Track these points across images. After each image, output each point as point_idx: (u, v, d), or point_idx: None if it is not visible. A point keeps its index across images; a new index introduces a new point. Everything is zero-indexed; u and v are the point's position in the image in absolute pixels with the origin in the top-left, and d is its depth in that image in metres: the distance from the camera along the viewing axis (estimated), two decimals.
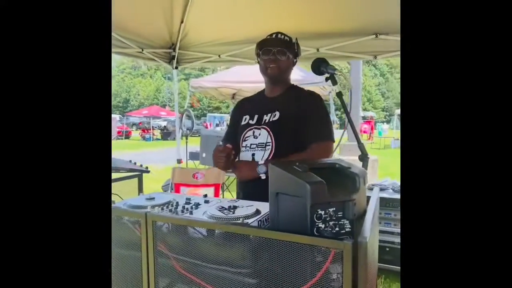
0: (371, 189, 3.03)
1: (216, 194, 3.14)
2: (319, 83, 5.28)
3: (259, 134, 1.48)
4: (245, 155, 1.49)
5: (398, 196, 2.82)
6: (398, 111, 18.91)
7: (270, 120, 1.47)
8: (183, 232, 0.97)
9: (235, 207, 1.10)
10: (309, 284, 0.76)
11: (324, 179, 0.85)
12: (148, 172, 1.50)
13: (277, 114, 1.47)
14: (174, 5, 2.49)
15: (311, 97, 1.51)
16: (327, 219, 0.82)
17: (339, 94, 1.22)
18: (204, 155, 4.59)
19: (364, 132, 20.04)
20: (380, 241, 2.82)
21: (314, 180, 0.81)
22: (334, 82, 1.24)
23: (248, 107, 1.59)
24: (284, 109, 1.47)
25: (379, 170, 7.35)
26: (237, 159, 1.51)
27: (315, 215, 0.80)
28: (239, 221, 0.99)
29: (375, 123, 21.16)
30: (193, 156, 5.56)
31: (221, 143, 1.58)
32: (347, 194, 0.85)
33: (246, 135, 1.51)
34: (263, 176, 1.35)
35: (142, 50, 2.71)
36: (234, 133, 1.59)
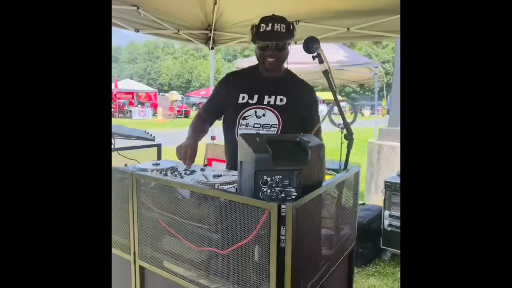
0: None
1: None
2: (364, 64, 5.05)
3: (263, 115, 1.52)
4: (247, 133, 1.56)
5: None
6: None
7: (276, 103, 1.52)
8: (166, 191, 1.11)
9: (219, 175, 1.22)
10: (247, 239, 0.86)
11: (279, 150, 0.92)
12: (154, 140, 1.67)
13: (284, 99, 1.53)
14: None
15: (309, 86, 1.62)
16: (273, 185, 0.90)
17: (326, 72, 1.25)
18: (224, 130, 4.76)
19: None
20: (393, 226, 2.75)
21: (261, 149, 0.89)
22: (321, 61, 1.26)
23: (243, 85, 1.58)
24: (291, 96, 1.53)
25: None
26: (236, 135, 1.58)
27: (260, 180, 0.89)
28: (215, 186, 1.11)
29: None
30: None
31: (201, 110, 1.68)
32: (295, 164, 0.91)
33: (246, 114, 1.54)
34: None
35: (178, 31, 2.89)
36: (218, 107, 1.62)
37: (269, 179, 0.89)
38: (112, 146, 1.50)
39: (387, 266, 2.80)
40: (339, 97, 1.49)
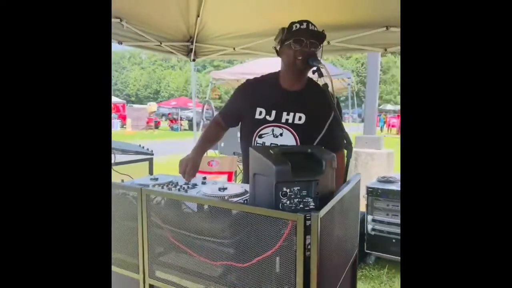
0: (384, 181, 3.05)
1: (229, 181, 3.28)
2: (339, 75, 5.26)
3: (281, 134, 1.47)
4: None
5: None
6: None
7: (294, 122, 1.46)
8: (174, 206, 1.10)
9: (225, 188, 1.22)
10: (270, 251, 0.87)
11: (294, 162, 0.95)
12: (152, 155, 1.64)
13: (303, 117, 1.46)
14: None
15: (331, 98, 1.35)
16: (292, 196, 0.92)
17: (325, 86, 1.30)
18: (222, 144, 4.75)
19: (392, 126, 19.48)
20: (386, 232, 2.85)
21: (280, 162, 0.91)
22: (321, 75, 1.31)
23: (261, 97, 1.50)
24: (310, 113, 1.46)
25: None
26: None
27: (280, 192, 0.91)
28: (224, 198, 1.11)
29: None
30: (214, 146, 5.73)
31: (218, 116, 1.64)
32: (312, 175, 0.94)
33: (263, 132, 1.48)
34: None
35: (161, 43, 2.87)
36: (235, 115, 1.56)
37: (288, 190, 0.91)
38: (112, 161, 1.46)
39: (372, 270, 2.89)
40: None
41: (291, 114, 1.47)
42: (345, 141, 1.29)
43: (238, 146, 1.69)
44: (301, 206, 0.92)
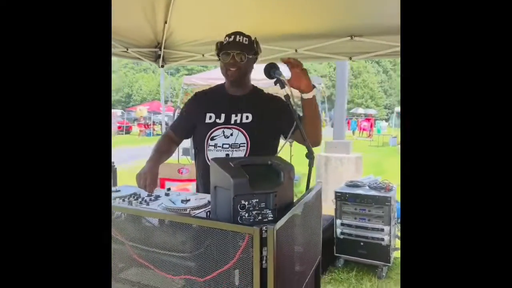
0: (352, 185, 3.13)
1: None
2: None
3: (231, 134, 1.54)
4: (216, 154, 1.54)
5: (373, 193, 2.92)
6: (397, 109, 18.87)
7: (242, 121, 1.54)
8: (135, 220, 1.08)
9: (188, 200, 1.21)
10: (229, 264, 0.87)
11: (253, 174, 0.96)
12: (113, 166, 1.60)
13: (250, 116, 1.55)
14: (156, 6, 2.59)
15: (276, 100, 1.61)
16: (250, 209, 0.93)
17: (287, 97, 1.33)
18: (194, 152, 4.72)
19: (364, 129, 20.07)
20: (354, 235, 2.93)
21: (238, 174, 0.92)
22: (282, 86, 1.34)
23: (210, 104, 1.61)
24: (256, 112, 1.55)
25: (371, 167, 7.45)
26: (206, 157, 1.57)
27: (238, 205, 0.91)
28: (185, 212, 1.10)
29: (375, 121, 21.15)
30: (186, 151, 5.68)
31: (169, 130, 1.67)
32: (270, 187, 0.96)
33: (214, 134, 1.55)
34: None
35: (127, 49, 2.82)
36: (187, 126, 1.64)
37: (246, 203, 0.92)
38: None
39: (341, 273, 2.95)
40: None
41: (239, 115, 1.55)
42: (307, 151, 1.32)
43: None
44: (259, 218, 0.93)
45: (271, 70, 1.36)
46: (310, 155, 1.33)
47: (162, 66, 3.22)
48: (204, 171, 1.56)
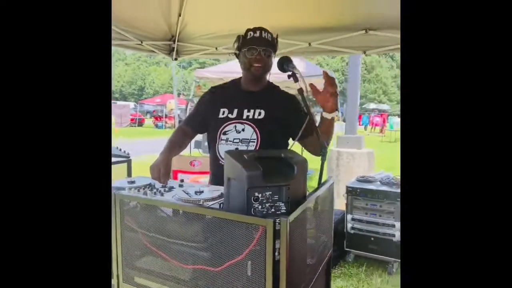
0: (363, 180, 3.11)
1: None
2: (321, 75, 5.32)
3: (242, 130, 1.55)
4: (227, 148, 1.56)
5: (385, 188, 2.90)
6: None
7: (255, 117, 1.55)
8: (149, 210, 1.10)
9: (201, 191, 1.23)
10: (242, 255, 0.89)
11: (266, 167, 0.97)
12: (129, 158, 1.63)
13: (262, 112, 1.55)
14: None
15: (291, 98, 1.62)
16: (264, 201, 0.94)
17: (300, 91, 1.32)
18: (206, 144, 4.75)
19: (376, 125, 19.82)
20: (365, 231, 2.92)
21: (252, 167, 0.93)
22: (296, 80, 1.33)
23: (224, 99, 1.61)
24: (269, 108, 1.55)
25: (383, 162, 7.36)
26: (217, 151, 1.59)
27: (252, 197, 0.92)
28: (199, 203, 1.12)
29: (388, 116, 20.84)
30: (198, 144, 5.72)
31: (183, 124, 1.70)
32: (283, 179, 0.96)
33: (226, 129, 1.57)
34: None
35: (142, 42, 2.84)
36: (201, 120, 1.65)
37: (260, 195, 0.93)
38: None
39: (351, 268, 2.95)
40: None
41: (252, 110, 1.56)
42: (320, 145, 1.32)
43: None
44: (272, 210, 0.94)
45: (284, 64, 1.36)
46: (322, 150, 1.33)
47: (176, 59, 3.24)
48: (216, 163, 1.58)
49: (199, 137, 5.71)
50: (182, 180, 1.50)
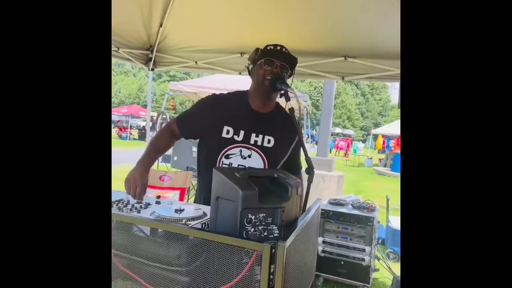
0: (335, 203, 3.13)
1: (181, 198, 3.15)
2: (298, 97, 5.43)
3: (249, 156, 1.42)
4: None
5: (356, 212, 2.94)
6: (374, 131, 19.47)
7: (264, 144, 1.43)
8: (124, 228, 1.00)
9: (182, 210, 1.15)
10: (233, 282, 0.82)
11: (260, 187, 0.92)
12: None
13: (272, 140, 1.44)
14: (153, 8, 2.54)
15: (290, 120, 1.41)
16: (257, 223, 0.89)
17: (291, 110, 1.31)
18: (175, 158, 4.60)
19: (341, 149, 20.50)
20: (335, 254, 2.91)
21: (247, 187, 0.88)
22: (287, 99, 1.32)
23: (228, 116, 1.43)
24: (278, 135, 1.45)
25: (350, 186, 7.55)
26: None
27: (245, 219, 0.87)
28: (181, 222, 1.04)
29: (352, 141, 21.68)
30: (166, 158, 5.53)
31: (173, 123, 1.53)
32: (278, 202, 0.92)
33: (230, 152, 1.41)
34: None
35: (118, 49, 2.73)
36: (196, 128, 1.48)
37: (253, 217, 0.88)
38: None
39: None
40: None
41: (260, 136, 1.43)
42: (307, 166, 1.30)
43: (192, 160, 1.60)
44: (265, 234, 0.89)
45: (277, 82, 1.34)
46: (310, 170, 1.31)
47: (152, 70, 3.15)
48: (209, 188, 1.46)
49: (169, 151, 5.54)
50: (158, 197, 1.40)
